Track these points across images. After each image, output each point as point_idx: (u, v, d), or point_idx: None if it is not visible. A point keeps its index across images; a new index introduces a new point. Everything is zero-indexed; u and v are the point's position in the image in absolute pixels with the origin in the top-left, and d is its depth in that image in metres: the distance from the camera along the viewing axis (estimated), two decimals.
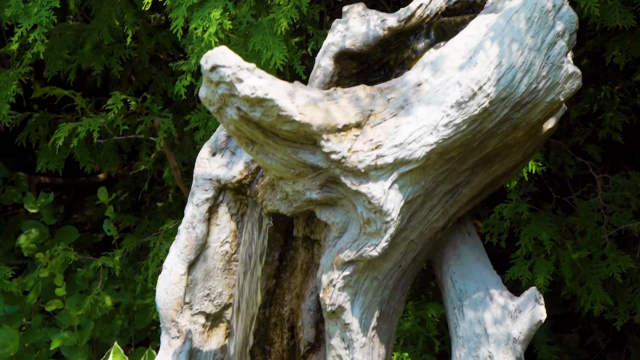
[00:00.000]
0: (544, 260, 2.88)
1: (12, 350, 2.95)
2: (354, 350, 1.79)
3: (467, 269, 1.92)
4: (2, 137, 4.66)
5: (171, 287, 1.90)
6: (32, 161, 3.35)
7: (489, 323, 1.87)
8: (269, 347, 2.00)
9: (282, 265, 1.97)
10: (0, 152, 4.08)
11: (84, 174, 4.20)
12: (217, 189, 1.91)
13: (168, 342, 1.91)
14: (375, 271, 1.77)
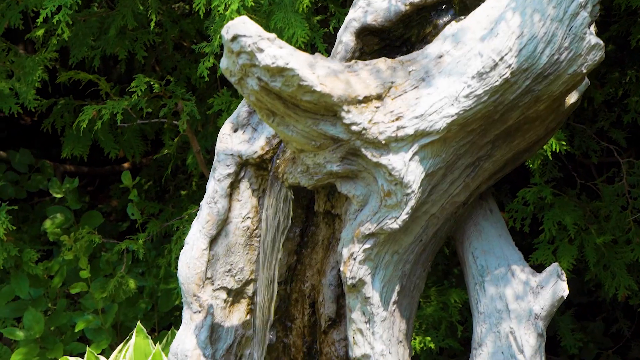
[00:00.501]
0: (567, 245, 2.86)
1: (37, 332, 2.98)
2: (374, 324, 1.79)
3: (488, 245, 1.92)
4: (27, 127, 4.71)
5: (193, 261, 1.91)
6: (58, 152, 3.38)
7: (510, 299, 1.87)
8: (290, 324, 2.01)
9: (303, 241, 1.98)
10: (26, 142, 4.12)
11: (109, 162, 4.23)
12: (239, 165, 1.92)
13: (190, 317, 1.92)
14: (396, 245, 1.77)
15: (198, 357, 1.90)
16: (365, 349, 1.80)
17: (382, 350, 1.80)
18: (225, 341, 1.97)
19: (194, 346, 1.90)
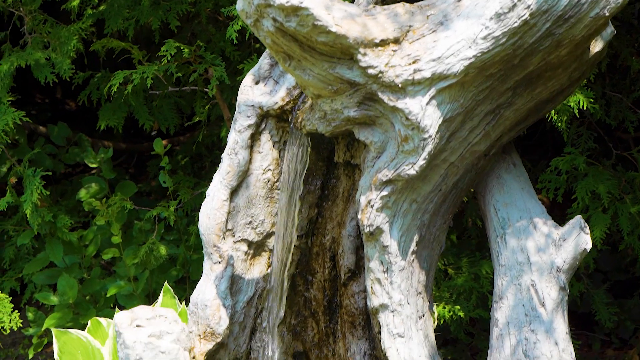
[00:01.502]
0: (601, 214, 2.82)
1: (70, 298, 3.02)
2: (392, 274, 1.78)
3: (510, 198, 1.89)
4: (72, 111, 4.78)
5: (213, 212, 1.92)
6: (93, 132, 3.42)
7: (531, 251, 1.84)
8: (311, 277, 2.00)
9: (324, 194, 1.97)
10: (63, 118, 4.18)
11: (147, 138, 4.27)
12: (259, 116, 1.92)
13: (210, 267, 1.93)
14: (414, 193, 1.76)
15: (217, 306, 1.90)
16: (383, 299, 1.79)
17: (400, 300, 1.79)
18: (246, 293, 1.98)
19: (214, 296, 1.90)
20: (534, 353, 1.81)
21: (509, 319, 1.84)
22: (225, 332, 1.90)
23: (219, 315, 1.89)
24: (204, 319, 1.90)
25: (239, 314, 1.96)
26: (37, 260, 3.14)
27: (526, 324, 1.83)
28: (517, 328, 1.83)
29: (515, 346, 1.83)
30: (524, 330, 1.83)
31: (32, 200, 2.86)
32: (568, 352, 1.83)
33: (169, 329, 1.72)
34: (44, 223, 2.99)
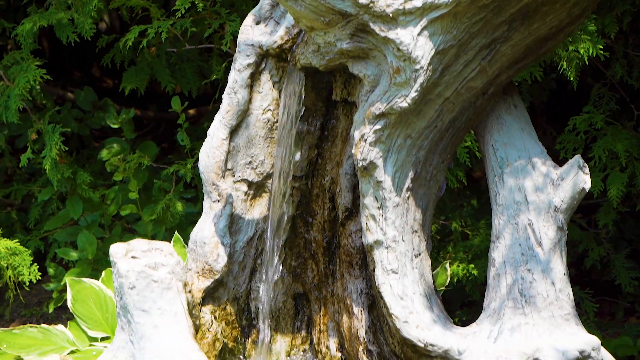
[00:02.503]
0: (618, 173, 2.78)
1: (90, 253, 3.06)
2: (387, 210, 1.78)
3: (509, 138, 1.88)
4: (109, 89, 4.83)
5: (212, 150, 1.93)
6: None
7: (529, 190, 1.83)
8: (311, 219, 2.01)
9: (323, 135, 1.98)
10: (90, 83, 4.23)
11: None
12: (259, 55, 1.93)
13: (209, 206, 1.95)
14: (408, 128, 1.75)
15: (216, 244, 1.92)
16: (377, 235, 1.79)
17: (394, 237, 1.79)
18: (246, 233, 1.99)
19: (212, 234, 1.92)
20: (530, 292, 1.80)
21: (506, 258, 1.83)
22: (223, 270, 1.91)
23: (217, 252, 1.91)
24: (202, 256, 1.92)
25: (238, 254, 1.97)
26: (58, 217, 3.19)
27: (522, 264, 1.82)
28: (513, 267, 1.82)
29: (511, 285, 1.82)
30: (520, 270, 1.81)
31: (51, 155, 2.90)
32: (565, 293, 1.82)
33: (164, 261, 1.74)
34: (63, 180, 3.03)
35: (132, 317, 1.69)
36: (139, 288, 1.69)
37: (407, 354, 1.82)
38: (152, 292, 1.69)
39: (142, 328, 1.69)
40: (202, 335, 1.90)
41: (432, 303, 1.85)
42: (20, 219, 3.65)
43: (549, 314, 1.79)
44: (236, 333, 1.99)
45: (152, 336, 1.68)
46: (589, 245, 3.18)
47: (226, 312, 1.97)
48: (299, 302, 2.06)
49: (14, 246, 2.87)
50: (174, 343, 1.67)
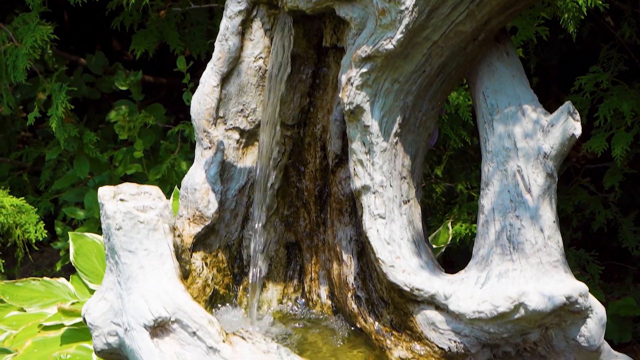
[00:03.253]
0: (623, 133, 2.76)
1: (96, 213, 3.09)
2: (374, 155, 1.78)
3: (500, 85, 1.86)
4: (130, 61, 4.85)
5: (203, 97, 1.94)
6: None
7: (518, 137, 1.82)
8: (303, 168, 2.02)
9: (315, 83, 1.98)
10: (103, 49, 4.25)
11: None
12: (251, 2, 1.92)
13: (201, 153, 1.96)
14: (395, 72, 1.75)
15: (206, 190, 1.93)
16: (365, 180, 1.79)
17: (381, 182, 1.79)
18: (238, 182, 2.00)
19: (203, 180, 1.93)
20: (518, 239, 1.79)
21: (494, 205, 1.83)
22: (214, 216, 1.92)
23: (207, 199, 1.92)
24: (192, 202, 1.93)
25: (230, 201, 1.98)
26: (66, 177, 3.22)
27: (511, 210, 1.81)
28: (501, 214, 1.81)
29: (500, 232, 1.81)
30: (509, 217, 1.81)
31: (57, 114, 2.93)
32: (554, 240, 1.81)
33: (153, 205, 1.75)
34: (71, 139, 3.06)
35: (119, 258, 1.71)
36: (126, 229, 1.70)
37: (394, 300, 1.82)
38: (138, 233, 1.70)
39: (128, 269, 1.70)
40: (192, 281, 1.91)
41: (420, 250, 1.85)
42: (32, 182, 3.69)
43: (536, 260, 1.78)
44: (228, 280, 2.00)
45: (138, 277, 1.69)
46: (596, 208, 3.16)
47: (218, 259, 1.98)
48: (291, 251, 2.07)
49: (20, 203, 2.91)
50: (159, 284, 1.68)
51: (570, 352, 1.84)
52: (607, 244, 3.46)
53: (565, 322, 1.80)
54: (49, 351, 2.21)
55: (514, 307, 1.72)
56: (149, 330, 1.65)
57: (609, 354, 1.85)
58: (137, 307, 1.67)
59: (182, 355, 1.64)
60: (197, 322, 1.65)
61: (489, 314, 1.73)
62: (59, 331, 2.29)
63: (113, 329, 1.74)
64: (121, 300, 1.72)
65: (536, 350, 1.86)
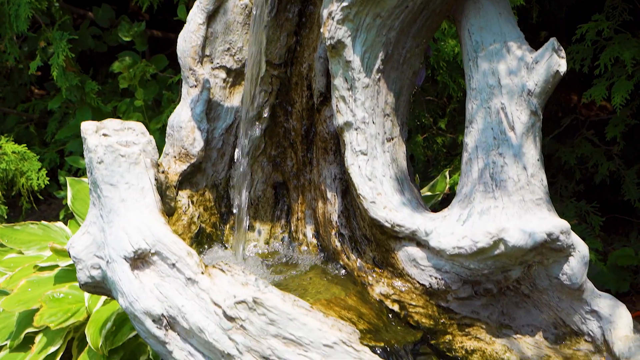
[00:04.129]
0: (624, 81, 2.73)
1: None
2: (356, 91, 1.77)
3: (486, 22, 1.85)
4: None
5: (189, 35, 1.94)
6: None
7: (503, 74, 1.80)
8: (290, 108, 2.02)
9: (301, 21, 1.97)
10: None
11: None
12: None
13: (187, 92, 1.96)
14: (377, 7, 1.74)
15: (192, 128, 1.94)
16: (347, 117, 1.79)
17: (363, 118, 1.78)
18: (225, 121, 2.00)
19: (189, 118, 1.94)
20: (501, 176, 1.78)
21: (478, 142, 1.82)
22: (199, 155, 1.93)
23: (193, 137, 1.93)
24: (178, 140, 1.94)
25: (217, 140, 1.99)
26: (69, 127, 3.25)
27: (494, 148, 1.80)
28: (485, 152, 1.81)
29: (483, 170, 1.81)
30: (492, 154, 1.80)
31: (58, 62, 2.95)
32: (538, 179, 1.80)
33: (136, 140, 1.76)
34: (73, 88, 3.08)
35: (100, 191, 1.72)
36: (107, 162, 1.71)
37: (376, 237, 1.83)
38: (119, 167, 1.71)
39: (110, 202, 1.72)
40: (177, 218, 1.93)
41: (404, 188, 1.85)
42: (38, 134, 3.72)
43: (519, 198, 1.78)
44: (215, 219, 2.01)
45: (119, 210, 1.71)
46: (599, 160, 3.13)
47: (204, 198, 1.99)
48: (279, 191, 2.07)
49: (23, 150, 2.94)
50: (140, 216, 1.70)
51: (553, 291, 1.84)
52: (612, 197, 3.44)
53: (547, 260, 1.79)
54: (42, 290, 2.24)
55: (493, 243, 1.72)
56: (130, 262, 1.67)
57: (592, 293, 1.84)
58: (118, 239, 1.68)
59: (161, 286, 1.66)
60: (176, 254, 1.66)
61: (468, 249, 1.73)
62: (53, 271, 2.32)
63: (96, 262, 1.76)
64: (103, 234, 1.73)
65: (519, 288, 1.86)
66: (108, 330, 2.09)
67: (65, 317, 2.17)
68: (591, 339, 1.84)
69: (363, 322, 1.74)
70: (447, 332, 1.84)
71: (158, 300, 1.65)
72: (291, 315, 1.57)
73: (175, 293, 1.65)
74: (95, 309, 2.17)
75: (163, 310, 1.64)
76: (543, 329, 1.89)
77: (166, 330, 1.66)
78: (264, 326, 1.58)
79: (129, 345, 2.13)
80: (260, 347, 1.58)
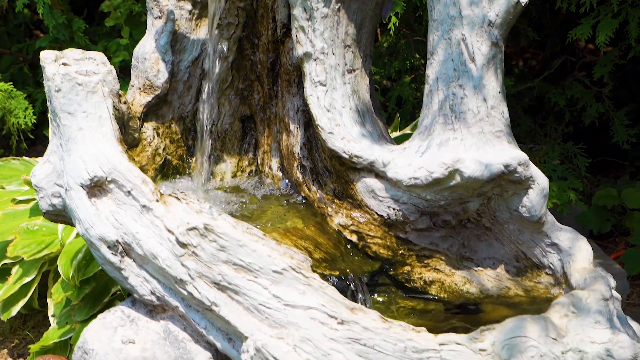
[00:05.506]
0: (609, 19, 2.69)
1: None
2: (315, 21, 1.77)
3: None
4: None
5: None
6: None
7: (464, 4, 1.78)
8: (256, 40, 2.01)
9: None
10: None
11: None
12: None
13: (152, 23, 1.96)
14: None
15: (156, 60, 1.94)
16: (306, 47, 1.78)
17: (322, 49, 1.78)
18: (191, 53, 2.00)
19: (153, 49, 1.94)
20: (461, 108, 1.78)
21: (439, 74, 1.81)
22: (164, 86, 1.94)
23: (157, 68, 1.93)
24: (143, 72, 1.94)
25: (183, 73, 1.99)
26: None
27: (454, 79, 1.79)
28: (445, 83, 1.80)
29: (443, 101, 1.80)
30: (452, 86, 1.79)
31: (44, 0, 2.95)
32: (499, 111, 1.79)
33: (96, 70, 1.77)
34: (59, 26, 3.08)
35: (59, 120, 1.73)
36: (64, 91, 1.72)
37: (336, 168, 1.84)
38: (76, 96, 1.72)
39: (68, 130, 1.73)
40: (142, 149, 1.94)
41: (365, 120, 1.85)
42: (33, 75, 3.74)
43: (478, 129, 1.77)
44: (181, 152, 2.03)
45: (77, 138, 1.72)
46: (588, 102, 3.11)
47: (171, 130, 2.00)
48: (247, 125, 2.08)
49: (9, 88, 2.95)
50: (97, 145, 1.71)
51: (513, 224, 1.84)
52: (603, 140, 3.41)
53: (507, 193, 1.79)
54: (17, 222, 2.27)
55: (448, 174, 1.72)
56: (86, 189, 1.69)
57: (552, 226, 1.84)
58: (75, 167, 1.70)
59: (117, 213, 1.68)
60: (132, 181, 1.67)
61: (424, 180, 1.73)
62: (29, 204, 2.35)
63: (56, 190, 1.78)
64: (62, 162, 1.75)
65: (480, 221, 1.86)
66: (79, 261, 2.12)
67: (39, 248, 2.21)
68: (551, 271, 1.85)
69: (319, 251, 1.76)
70: (406, 263, 1.85)
71: (113, 227, 1.67)
72: (241, 242, 1.59)
73: (131, 220, 1.67)
74: (68, 241, 2.20)
75: (118, 236, 1.66)
76: (505, 262, 1.90)
77: (122, 257, 1.68)
78: (214, 252, 1.60)
79: (101, 277, 2.16)
80: (211, 273, 1.60)
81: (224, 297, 1.59)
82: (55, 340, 2.13)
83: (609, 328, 1.61)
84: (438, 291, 1.85)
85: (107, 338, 1.65)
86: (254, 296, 1.57)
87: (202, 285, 1.61)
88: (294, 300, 1.56)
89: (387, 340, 1.52)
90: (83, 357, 1.65)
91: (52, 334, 2.16)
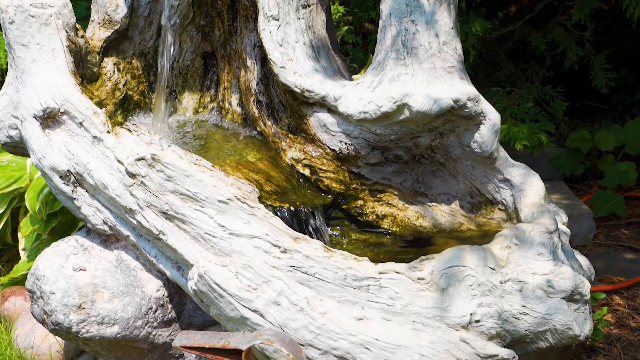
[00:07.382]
0: None
1: None
2: None
3: None
4: None
5: None
6: None
7: None
8: None
9: None
10: None
11: None
12: None
13: None
14: None
15: None
16: None
17: None
18: None
19: None
20: (413, 44, 1.79)
21: (392, 9, 1.81)
22: (123, 21, 1.95)
23: (116, 3, 1.94)
24: (102, 6, 1.95)
25: (143, 8, 2.00)
26: None
27: (407, 15, 1.80)
28: (397, 19, 1.80)
29: (395, 37, 1.81)
30: (404, 21, 1.80)
31: None
32: (451, 47, 1.80)
33: (51, 2, 1.78)
34: None
35: (14, 52, 1.76)
36: (18, 22, 1.74)
37: (289, 103, 1.85)
38: (30, 27, 1.74)
39: (22, 62, 1.75)
40: (101, 84, 1.96)
41: (319, 55, 1.86)
42: None
43: (429, 65, 1.78)
44: (143, 87, 2.05)
45: (31, 70, 1.74)
46: (568, 46, 3.10)
47: (132, 65, 2.02)
48: (209, 61, 2.09)
49: None
50: (50, 77, 1.73)
51: (466, 159, 1.86)
52: (583, 84, 3.41)
53: (458, 129, 1.81)
54: None
55: (397, 108, 1.73)
56: (40, 120, 1.72)
57: (505, 162, 1.86)
58: (29, 98, 1.73)
59: (69, 144, 1.70)
60: (83, 113, 1.70)
61: (373, 114, 1.75)
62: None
63: (13, 122, 1.81)
64: (18, 94, 1.77)
65: (434, 157, 1.88)
66: (46, 195, 2.16)
67: (8, 182, 2.24)
68: (504, 207, 1.87)
69: (270, 184, 1.79)
70: (359, 197, 1.88)
71: (65, 158, 1.69)
72: (187, 172, 1.62)
73: (82, 151, 1.69)
74: (37, 176, 2.23)
75: (70, 167, 1.69)
76: (459, 197, 1.92)
77: (74, 187, 1.71)
78: (162, 182, 1.62)
79: (68, 211, 2.20)
80: (159, 202, 1.63)
81: (172, 226, 1.63)
82: (23, 272, 2.18)
83: (552, 260, 1.64)
84: (390, 225, 1.88)
85: (59, 265, 1.69)
86: (200, 225, 1.60)
87: (151, 214, 1.64)
88: (238, 229, 1.59)
89: (328, 269, 1.55)
90: (35, 283, 1.69)
91: (21, 266, 2.21)
